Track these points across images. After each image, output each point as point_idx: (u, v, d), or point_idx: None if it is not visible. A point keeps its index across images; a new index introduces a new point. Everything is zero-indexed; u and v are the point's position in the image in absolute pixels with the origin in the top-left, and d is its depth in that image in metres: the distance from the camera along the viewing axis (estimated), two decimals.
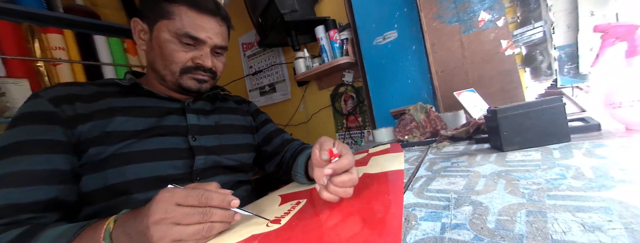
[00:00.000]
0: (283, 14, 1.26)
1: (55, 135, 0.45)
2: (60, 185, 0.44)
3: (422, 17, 1.00)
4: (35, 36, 1.40)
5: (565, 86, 0.89)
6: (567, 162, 0.38)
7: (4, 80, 1.31)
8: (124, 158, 0.48)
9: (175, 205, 0.32)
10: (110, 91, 0.55)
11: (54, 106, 0.47)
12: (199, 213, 0.32)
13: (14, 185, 0.40)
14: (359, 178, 0.40)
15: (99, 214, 0.47)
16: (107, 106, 0.51)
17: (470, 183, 0.37)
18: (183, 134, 0.56)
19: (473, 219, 0.27)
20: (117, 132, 0.49)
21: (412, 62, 1.10)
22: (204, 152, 0.56)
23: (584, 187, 0.29)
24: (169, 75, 0.57)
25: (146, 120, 0.53)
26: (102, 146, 0.47)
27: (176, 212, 0.31)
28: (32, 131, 0.44)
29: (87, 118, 0.48)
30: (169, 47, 0.54)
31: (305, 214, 0.38)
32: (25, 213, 0.39)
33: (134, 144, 0.49)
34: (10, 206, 0.38)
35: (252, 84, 1.99)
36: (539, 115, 0.47)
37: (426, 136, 0.79)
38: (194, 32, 0.54)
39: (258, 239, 0.31)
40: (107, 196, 0.47)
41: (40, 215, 0.41)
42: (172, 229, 0.31)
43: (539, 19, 0.91)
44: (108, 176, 0.47)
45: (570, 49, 0.88)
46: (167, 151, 0.52)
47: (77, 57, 1.48)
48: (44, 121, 0.45)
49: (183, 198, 0.32)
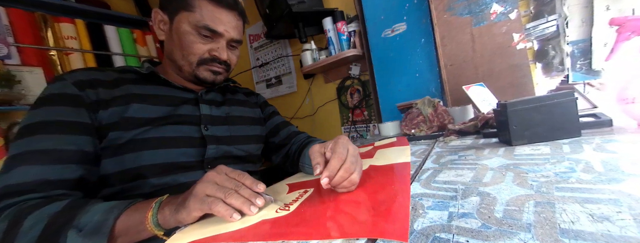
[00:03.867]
0: (291, 5, 1.25)
1: (81, 118, 0.47)
2: (86, 165, 0.46)
3: (433, 9, 0.99)
4: (48, 25, 1.42)
5: (577, 83, 0.87)
6: (577, 156, 0.38)
7: (19, 68, 1.34)
8: (140, 144, 0.50)
9: (221, 172, 0.39)
10: (128, 77, 0.56)
11: (79, 89, 0.48)
12: (232, 182, 0.38)
13: (46, 162, 0.41)
14: (364, 170, 0.43)
15: (116, 196, 0.49)
16: (125, 92, 0.53)
17: (478, 175, 0.37)
18: (196, 123, 0.58)
19: (480, 209, 0.27)
20: (134, 118, 0.51)
21: (420, 56, 1.09)
22: (215, 142, 0.58)
23: (593, 180, 0.29)
24: (187, 65, 0.58)
25: (161, 108, 0.55)
26: (120, 131, 0.49)
27: (218, 177, 0.38)
28: (59, 112, 0.45)
29: (108, 104, 0.50)
30: (188, 38, 0.55)
31: (313, 202, 0.38)
32: (59, 189, 0.41)
33: (149, 131, 0.51)
34: (44, 182, 0.40)
35: (259, 76, 2.00)
36: (550, 110, 0.47)
37: (433, 130, 0.79)
38: (213, 25, 0.55)
39: (268, 224, 0.32)
40: (124, 180, 0.49)
41: (70, 192, 0.43)
42: (210, 185, 0.37)
43: (553, 12, 0.89)
44: (125, 161, 0.49)
45: (584, 44, 0.86)
46: (180, 139, 0.54)
47: (88, 47, 1.50)
48: (70, 103, 0.47)
49: (226, 170, 0.40)
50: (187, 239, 0.32)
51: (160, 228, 0.37)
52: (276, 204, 0.40)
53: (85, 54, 1.49)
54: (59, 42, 1.44)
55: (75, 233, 0.34)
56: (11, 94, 1.30)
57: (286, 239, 0.28)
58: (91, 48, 1.51)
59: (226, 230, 0.33)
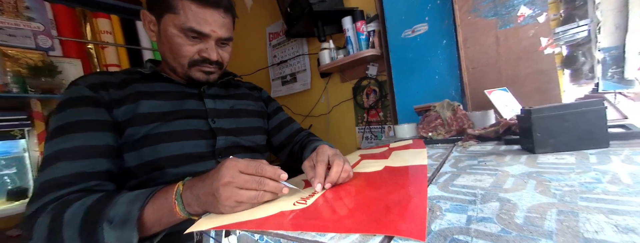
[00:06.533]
0: (312, 3, 1.26)
1: (103, 116, 0.51)
2: (112, 158, 0.49)
3: (456, 9, 0.97)
4: (87, 20, 1.52)
5: (607, 92, 0.84)
6: (603, 167, 0.37)
7: (60, 60, 1.44)
8: (155, 138, 0.53)
9: (238, 172, 0.37)
10: (134, 77, 0.60)
11: (93, 92, 0.52)
12: (255, 181, 0.37)
13: (78, 158, 0.45)
14: (379, 171, 0.47)
15: (142, 185, 0.53)
16: (134, 91, 0.56)
17: (498, 181, 0.37)
18: (203, 117, 0.61)
19: (500, 214, 0.27)
20: (145, 114, 0.54)
21: (441, 57, 1.07)
22: (223, 133, 0.61)
23: (620, 192, 0.29)
24: (179, 67, 0.60)
25: (169, 103, 0.58)
26: (136, 127, 0.53)
27: (239, 178, 0.36)
28: (83, 113, 0.49)
29: (120, 103, 0.53)
30: (176, 41, 0.56)
31: (328, 198, 0.39)
32: (94, 180, 0.45)
33: (162, 126, 0.54)
34: (81, 174, 0.44)
35: (275, 73, 2.02)
36: (577, 118, 0.45)
37: (451, 134, 0.78)
38: (198, 26, 0.55)
39: (287, 215, 0.34)
40: (145, 171, 0.53)
41: (104, 182, 0.46)
42: (236, 191, 0.36)
43: (585, 17, 0.85)
44: (144, 154, 0.53)
45: (617, 51, 0.82)
46: (191, 132, 0.58)
47: (121, 41, 1.59)
48: (90, 104, 0.51)
49: (244, 167, 0.37)
50: (213, 224, 0.33)
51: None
52: (297, 194, 0.42)
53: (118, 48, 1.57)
54: (96, 36, 1.53)
55: (108, 227, 0.37)
56: (53, 83, 1.40)
57: (303, 230, 0.29)
58: (124, 42, 1.60)
59: (248, 217, 0.34)
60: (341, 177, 0.44)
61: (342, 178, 0.44)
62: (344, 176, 0.44)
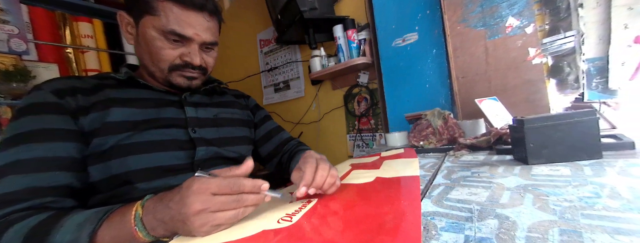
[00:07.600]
0: (302, 11, 1.26)
1: (67, 125, 0.46)
2: (75, 172, 0.44)
3: (446, 19, 0.98)
4: (66, 24, 1.46)
5: (592, 101, 0.85)
6: (600, 180, 0.35)
7: (35, 64, 1.37)
8: (125, 149, 0.48)
9: (211, 195, 0.32)
10: (108, 83, 0.55)
11: (58, 97, 0.47)
12: (234, 201, 0.33)
13: (33, 171, 0.40)
14: (370, 182, 0.45)
15: (106, 202, 0.47)
16: (104, 97, 0.51)
17: (494, 195, 0.35)
18: (183, 126, 0.56)
19: (500, 234, 0.25)
20: (116, 122, 0.49)
21: (431, 67, 1.08)
22: (204, 143, 0.56)
23: (621, 208, 0.27)
24: (158, 72, 0.55)
25: (144, 111, 0.53)
26: (103, 137, 0.47)
27: (214, 201, 0.32)
28: (44, 120, 0.44)
29: (87, 110, 0.48)
30: (156, 44, 0.52)
31: (316, 214, 0.37)
32: (49, 196, 0.40)
33: (134, 136, 0.49)
34: (32, 190, 0.39)
35: (268, 80, 2.00)
36: (570, 128, 0.45)
37: (443, 143, 0.77)
38: (180, 29, 0.51)
39: (272, 237, 0.31)
40: (112, 186, 0.48)
41: (60, 199, 0.41)
42: (211, 216, 0.32)
43: (569, 28, 0.87)
44: (112, 167, 0.47)
45: (601, 62, 0.84)
46: (168, 142, 0.53)
47: (104, 46, 1.54)
48: (53, 111, 0.45)
49: (218, 188, 0.33)
50: None
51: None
52: (281, 209, 0.39)
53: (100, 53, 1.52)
54: (76, 41, 1.47)
55: None
56: (25, 88, 1.32)
57: None
58: (107, 47, 1.54)
59: (226, 239, 0.31)
60: (327, 182, 0.42)
61: (328, 183, 0.42)
62: (330, 181, 0.42)
